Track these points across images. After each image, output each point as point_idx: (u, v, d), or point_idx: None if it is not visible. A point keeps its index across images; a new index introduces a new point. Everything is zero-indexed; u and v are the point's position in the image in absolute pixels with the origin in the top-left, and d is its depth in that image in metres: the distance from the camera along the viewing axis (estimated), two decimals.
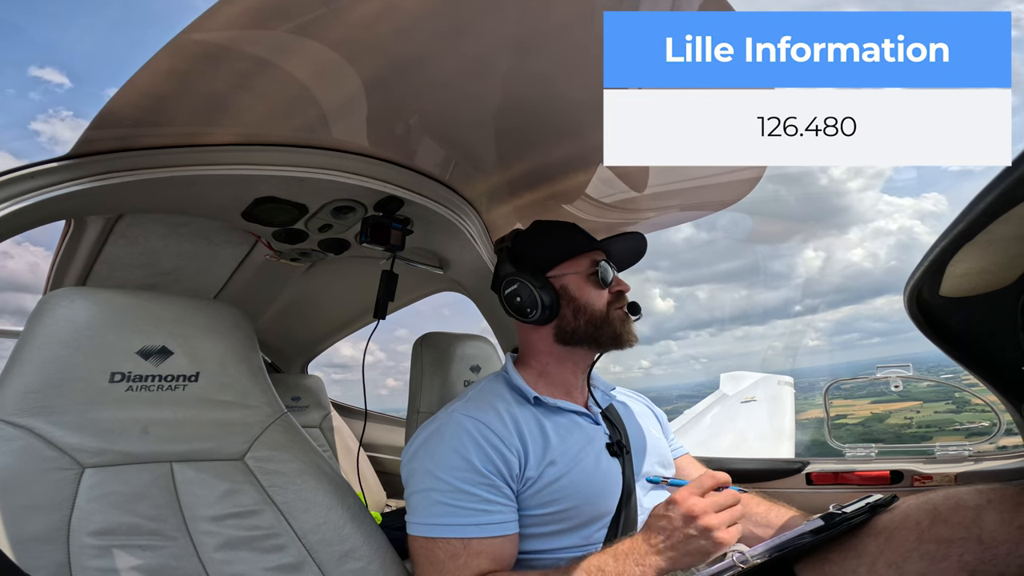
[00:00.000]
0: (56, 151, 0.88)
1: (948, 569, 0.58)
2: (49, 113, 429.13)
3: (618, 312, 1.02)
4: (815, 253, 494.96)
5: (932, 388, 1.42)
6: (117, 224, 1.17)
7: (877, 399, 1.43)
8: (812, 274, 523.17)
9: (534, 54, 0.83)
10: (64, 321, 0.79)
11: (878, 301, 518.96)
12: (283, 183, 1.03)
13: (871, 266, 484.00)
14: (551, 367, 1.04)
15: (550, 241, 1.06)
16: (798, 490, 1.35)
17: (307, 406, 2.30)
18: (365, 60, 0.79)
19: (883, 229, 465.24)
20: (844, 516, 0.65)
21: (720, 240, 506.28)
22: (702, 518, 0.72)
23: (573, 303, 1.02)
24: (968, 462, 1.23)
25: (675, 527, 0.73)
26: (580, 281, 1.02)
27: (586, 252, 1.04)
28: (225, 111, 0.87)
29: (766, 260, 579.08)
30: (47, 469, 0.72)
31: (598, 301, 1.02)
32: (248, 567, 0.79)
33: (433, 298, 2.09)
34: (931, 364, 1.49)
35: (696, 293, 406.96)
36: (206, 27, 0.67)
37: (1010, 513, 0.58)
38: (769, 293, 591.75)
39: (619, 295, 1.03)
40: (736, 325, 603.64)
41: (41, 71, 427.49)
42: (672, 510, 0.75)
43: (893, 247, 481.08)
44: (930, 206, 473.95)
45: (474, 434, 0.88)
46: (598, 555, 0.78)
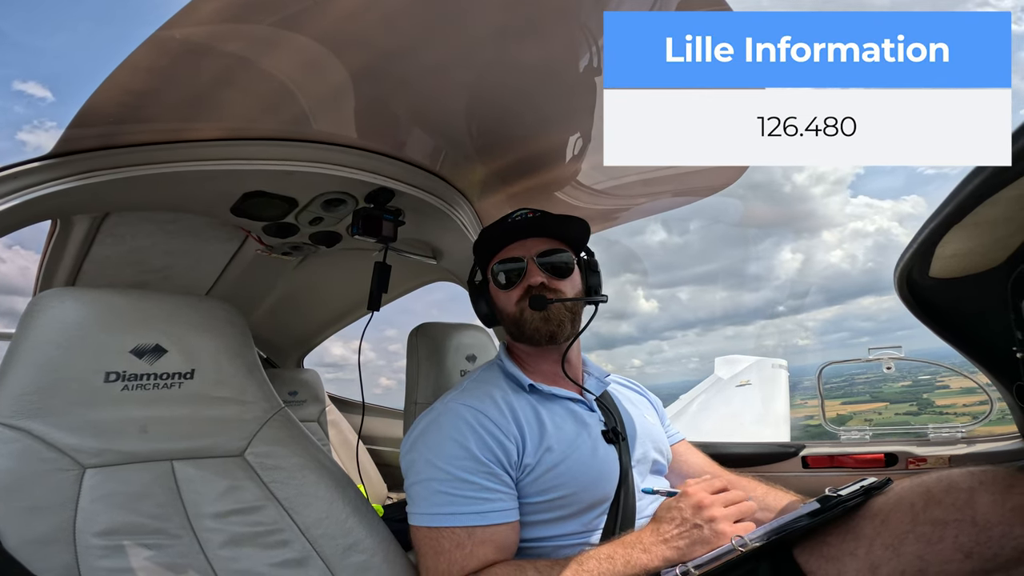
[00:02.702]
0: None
1: (944, 550, 0.59)
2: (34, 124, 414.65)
3: (526, 309, 0.98)
4: (793, 255, 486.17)
5: (904, 388, 1.45)
6: (104, 223, 1.16)
7: (847, 400, 1.46)
8: (791, 275, 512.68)
9: (522, 41, 0.82)
10: (55, 322, 0.78)
11: (827, 310, 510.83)
12: (272, 177, 1.02)
13: (838, 267, 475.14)
14: (527, 360, 1.05)
15: (478, 251, 1.07)
16: (794, 473, 1.37)
17: (304, 400, 2.30)
18: (351, 51, 0.78)
19: (861, 231, 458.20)
20: (840, 499, 0.66)
21: (695, 243, 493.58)
22: (709, 509, 0.77)
23: (497, 309, 1.05)
24: (961, 444, 1.24)
25: (684, 517, 0.78)
26: (494, 288, 1.04)
27: (494, 255, 1.04)
28: (210, 106, 0.86)
29: (741, 263, 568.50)
30: (48, 470, 0.72)
31: (506, 303, 1.02)
32: (254, 563, 0.79)
33: (426, 297, 2.09)
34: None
35: (678, 295, 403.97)
36: (185, 23, 0.65)
37: (1002, 495, 0.59)
38: (751, 295, 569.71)
39: (527, 290, 0.99)
40: (722, 325, 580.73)
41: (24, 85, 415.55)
42: (683, 501, 0.80)
43: (860, 248, 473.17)
44: (907, 207, 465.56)
45: (472, 423, 0.88)
46: (608, 545, 0.80)
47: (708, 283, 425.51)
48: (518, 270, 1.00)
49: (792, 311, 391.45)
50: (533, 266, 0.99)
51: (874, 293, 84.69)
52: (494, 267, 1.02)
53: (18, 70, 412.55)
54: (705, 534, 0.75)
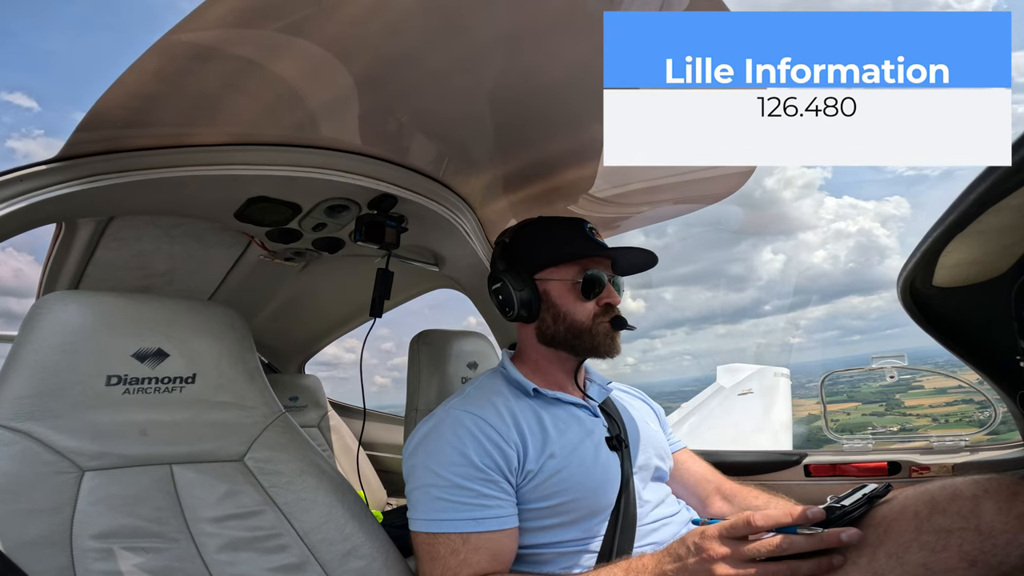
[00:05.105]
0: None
1: (949, 559, 0.59)
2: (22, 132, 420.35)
3: (602, 325, 1.00)
4: (774, 255, 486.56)
5: (880, 388, 1.45)
6: (108, 227, 1.16)
7: (827, 400, 1.48)
8: (772, 276, 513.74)
9: (527, 47, 0.82)
10: (58, 325, 0.78)
11: (816, 309, 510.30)
12: (275, 183, 1.03)
13: (820, 267, 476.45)
14: (541, 364, 1.05)
15: (542, 243, 1.05)
16: (797, 482, 1.36)
17: (305, 406, 2.30)
18: (356, 57, 0.79)
19: (843, 231, 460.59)
20: (844, 509, 0.65)
21: (674, 246, 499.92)
22: (714, 564, 0.67)
23: (554, 309, 1.01)
24: (965, 452, 1.24)
25: (687, 563, 0.70)
26: (563, 289, 1.01)
27: (576, 260, 1.02)
28: (215, 111, 0.87)
29: (722, 264, 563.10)
30: (47, 473, 0.72)
31: (580, 311, 1.00)
32: (251, 568, 0.79)
33: (422, 297, 2.08)
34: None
35: (663, 295, 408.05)
36: (192, 27, 0.66)
37: (1007, 503, 0.59)
38: (736, 295, 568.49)
39: (607, 308, 1.01)
40: (710, 324, 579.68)
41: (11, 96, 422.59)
42: (698, 539, 0.71)
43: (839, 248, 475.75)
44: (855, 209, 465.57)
45: (472, 429, 0.88)
46: (612, 566, 0.79)
47: (691, 283, 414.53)
48: (601, 284, 1.01)
49: (777, 311, 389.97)
50: (610, 285, 1.03)
51: (858, 293, 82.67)
52: (588, 274, 1.00)
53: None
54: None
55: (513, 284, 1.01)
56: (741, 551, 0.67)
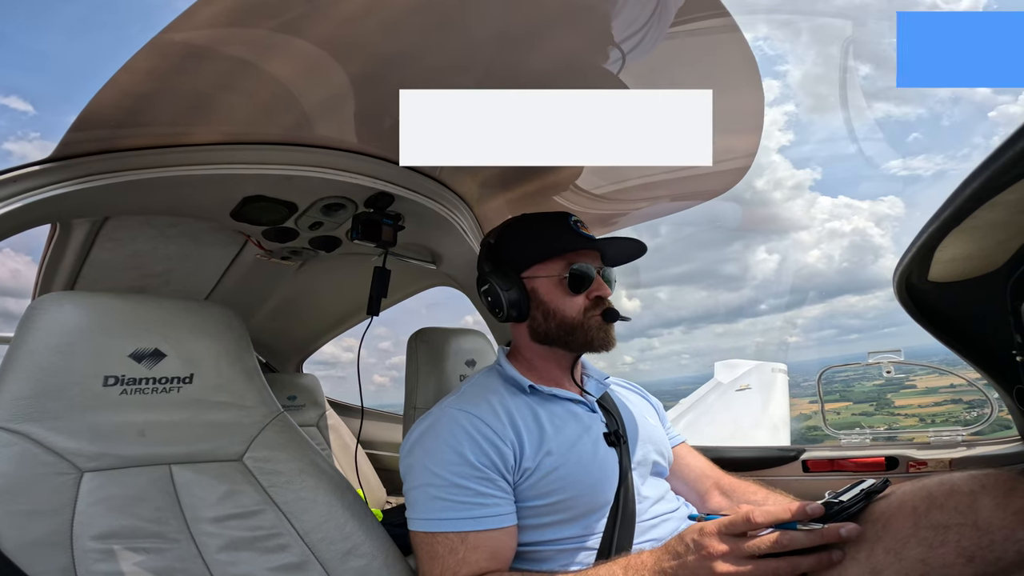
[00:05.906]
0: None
1: (946, 555, 0.59)
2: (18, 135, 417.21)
3: (594, 318, 0.99)
4: (769, 255, 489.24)
5: (874, 387, 1.45)
6: (104, 227, 1.16)
7: (813, 399, 1.47)
8: (768, 275, 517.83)
9: (522, 46, 0.82)
10: (54, 326, 0.78)
11: (814, 308, 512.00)
12: (271, 182, 1.02)
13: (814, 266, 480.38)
14: (537, 361, 1.05)
15: (526, 241, 1.03)
16: (795, 477, 1.36)
17: (303, 405, 2.29)
18: (351, 56, 0.78)
19: (839, 230, 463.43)
20: (842, 505, 0.66)
21: (667, 247, 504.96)
22: (714, 561, 0.67)
23: (543, 306, 1.00)
24: (962, 447, 1.24)
25: (687, 560, 0.69)
26: (551, 285, 1.00)
27: (562, 255, 1.00)
28: (209, 110, 0.86)
29: (716, 263, 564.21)
30: (46, 474, 0.72)
31: (570, 307, 0.99)
32: (252, 567, 0.79)
33: (420, 296, 2.08)
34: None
35: (658, 294, 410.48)
36: (186, 26, 0.66)
37: (1004, 498, 0.59)
38: (731, 294, 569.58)
39: (597, 300, 1.00)
40: (707, 323, 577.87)
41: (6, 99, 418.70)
42: (697, 536, 0.70)
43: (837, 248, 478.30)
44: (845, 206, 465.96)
45: (467, 428, 0.88)
46: (611, 564, 0.78)
47: (686, 283, 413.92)
48: (589, 278, 1.00)
49: (774, 309, 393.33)
50: (599, 278, 1.01)
51: (854, 292, 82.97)
52: (575, 268, 0.99)
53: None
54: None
55: (501, 285, 1.00)
56: (740, 548, 0.66)
